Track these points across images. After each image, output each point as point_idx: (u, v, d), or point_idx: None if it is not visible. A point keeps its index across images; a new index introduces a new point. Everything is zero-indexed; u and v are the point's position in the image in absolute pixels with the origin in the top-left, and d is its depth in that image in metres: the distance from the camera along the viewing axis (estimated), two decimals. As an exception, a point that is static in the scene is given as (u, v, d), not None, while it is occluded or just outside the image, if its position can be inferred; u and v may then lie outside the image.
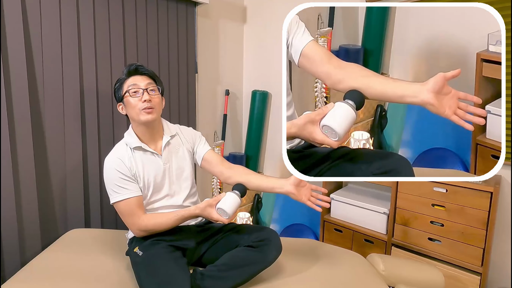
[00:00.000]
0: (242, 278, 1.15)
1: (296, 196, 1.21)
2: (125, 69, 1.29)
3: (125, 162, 1.24)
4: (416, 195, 1.72)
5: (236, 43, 2.67)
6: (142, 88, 1.24)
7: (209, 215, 1.16)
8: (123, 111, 1.31)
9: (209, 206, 1.16)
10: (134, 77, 1.26)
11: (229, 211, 1.14)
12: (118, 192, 1.22)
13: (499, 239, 1.70)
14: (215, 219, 1.15)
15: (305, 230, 2.30)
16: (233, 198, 1.17)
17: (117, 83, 1.30)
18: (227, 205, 1.14)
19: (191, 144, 1.41)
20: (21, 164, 1.48)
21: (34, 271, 1.27)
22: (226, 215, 1.14)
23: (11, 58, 1.43)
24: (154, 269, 1.13)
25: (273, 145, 2.66)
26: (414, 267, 1.44)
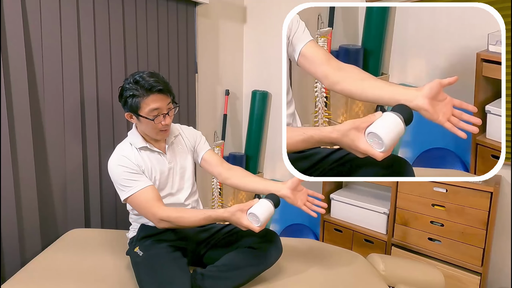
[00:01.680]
0: (243, 279, 1.15)
1: (291, 200, 1.18)
2: (144, 83, 1.15)
3: (131, 159, 1.22)
4: (416, 195, 1.72)
5: (236, 43, 2.67)
6: (164, 113, 1.20)
7: (238, 220, 1.05)
8: (133, 120, 1.24)
9: (240, 210, 1.06)
10: (155, 96, 1.16)
11: (262, 218, 1.03)
12: (129, 186, 1.19)
13: (499, 239, 1.70)
14: (245, 225, 1.04)
15: (305, 230, 2.30)
16: (267, 205, 1.06)
17: (129, 93, 1.17)
18: (260, 211, 1.04)
19: (192, 143, 1.41)
20: (21, 164, 1.48)
21: (34, 271, 1.26)
22: (258, 222, 1.04)
23: (11, 58, 1.43)
24: (154, 269, 1.13)
25: (273, 145, 2.66)
26: (414, 267, 1.44)
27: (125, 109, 1.22)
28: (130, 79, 1.19)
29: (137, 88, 1.16)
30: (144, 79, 1.16)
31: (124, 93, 1.19)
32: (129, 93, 1.17)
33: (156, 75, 1.19)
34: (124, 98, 1.20)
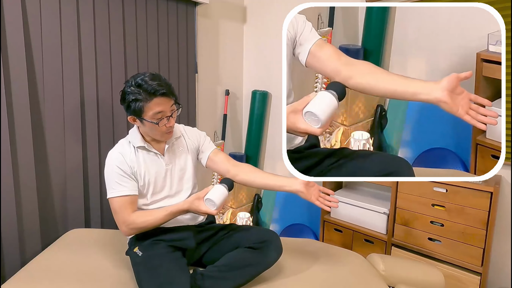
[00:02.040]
0: (243, 279, 1.15)
1: (305, 195, 1.21)
2: (146, 87, 1.14)
3: (127, 159, 1.23)
4: (416, 195, 1.72)
5: (236, 43, 2.67)
6: (168, 115, 1.19)
7: (197, 207, 1.16)
8: (136, 123, 1.24)
9: (197, 199, 1.16)
10: (158, 99, 1.15)
11: (217, 202, 1.14)
12: (114, 188, 1.21)
13: (499, 239, 1.70)
14: (203, 211, 1.15)
15: (305, 230, 2.30)
16: (221, 189, 1.17)
17: (131, 97, 1.15)
18: (215, 195, 1.15)
19: (196, 144, 1.40)
20: (21, 164, 1.48)
21: (34, 271, 1.26)
22: (214, 206, 1.14)
23: (11, 58, 1.43)
24: (154, 269, 1.13)
25: (273, 145, 2.66)
26: (414, 267, 1.44)
27: (128, 113, 1.21)
28: (132, 82, 1.17)
29: (140, 92, 1.14)
30: (146, 82, 1.14)
31: (126, 97, 1.17)
32: (132, 97, 1.15)
33: (158, 77, 1.17)
34: (127, 102, 1.17)
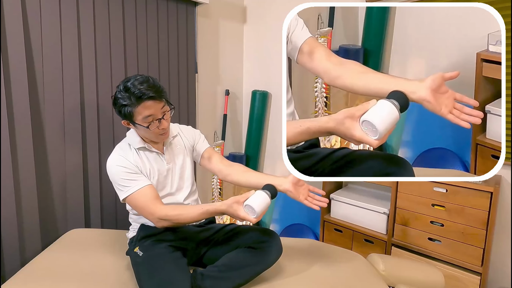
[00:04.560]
0: (243, 279, 1.15)
1: (293, 195, 1.19)
2: (134, 90, 1.13)
3: (130, 159, 1.23)
4: (416, 195, 1.72)
5: (236, 43, 2.67)
6: (159, 118, 1.18)
7: (235, 212, 1.08)
8: (130, 126, 1.24)
9: (236, 202, 1.08)
10: (146, 103, 1.14)
11: (258, 209, 1.04)
12: (127, 186, 1.19)
13: (499, 239, 1.70)
14: (241, 217, 1.07)
15: (305, 230, 2.30)
16: (263, 196, 1.08)
17: (121, 102, 1.15)
18: (256, 202, 1.05)
19: (191, 142, 1.41)
20: (21, 164, 1.48)
21: (34, 271, 1.26)
22: (254, 214, 1.05)
23: (11, 58, 1.43)
24: (154, 269, 1.13)
25: (273, 145, 2.66)
26: (414, 267, 1.44)
27: (120, 117, 1.21)
28: (121, 86, 1.16)
29: (129, 97, 1.14)
30: (135, 86, 1.13)
31: (117, 102, 1.17)
32: (121, 102, 1.15)
33: (146, 81, 1.15)
34: (117, 107, 1.18)
